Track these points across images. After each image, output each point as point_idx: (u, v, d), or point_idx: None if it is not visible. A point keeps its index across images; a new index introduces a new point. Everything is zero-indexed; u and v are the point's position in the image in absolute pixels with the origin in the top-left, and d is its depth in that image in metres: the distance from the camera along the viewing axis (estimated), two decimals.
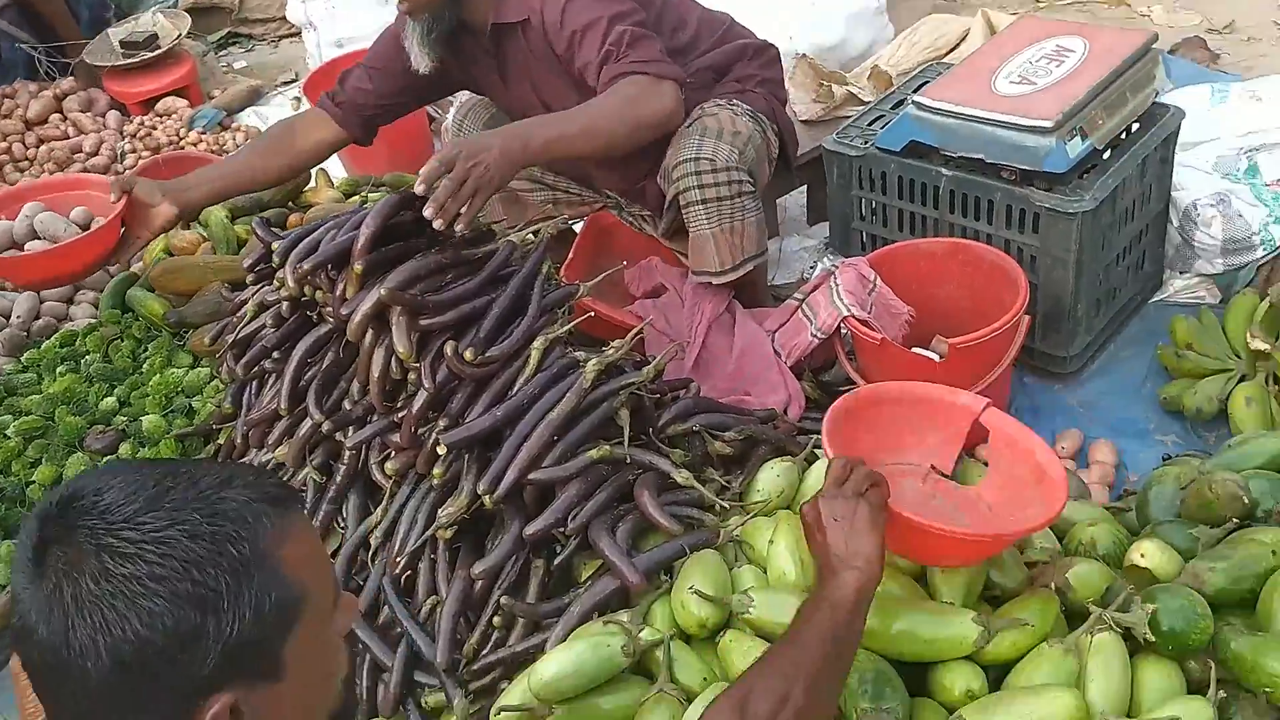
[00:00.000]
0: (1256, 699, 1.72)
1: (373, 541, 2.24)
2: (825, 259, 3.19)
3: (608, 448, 2.11)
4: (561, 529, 2.04)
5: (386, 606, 2.17)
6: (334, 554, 2.30)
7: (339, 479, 2.30)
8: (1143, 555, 1.97)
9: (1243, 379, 2.65)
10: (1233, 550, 1.92)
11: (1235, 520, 2.03)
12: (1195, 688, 1.80)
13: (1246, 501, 2.01)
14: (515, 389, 2.15)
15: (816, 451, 2.40)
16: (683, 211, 2.67)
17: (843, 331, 2.78)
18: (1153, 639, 1.78)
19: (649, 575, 1.96)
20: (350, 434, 2.27)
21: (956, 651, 1.77)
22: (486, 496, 2.04)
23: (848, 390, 2.81)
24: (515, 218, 3.02)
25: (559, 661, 1.78)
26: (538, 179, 3.09)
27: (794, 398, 2.76)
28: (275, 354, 2.43)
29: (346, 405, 2.31)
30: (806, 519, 1.65)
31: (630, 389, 2.17)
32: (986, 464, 2.08)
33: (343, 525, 2.31)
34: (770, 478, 2.23)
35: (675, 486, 2.15)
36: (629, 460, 2.14)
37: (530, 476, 2.05)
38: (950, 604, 1.83)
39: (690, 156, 2.59)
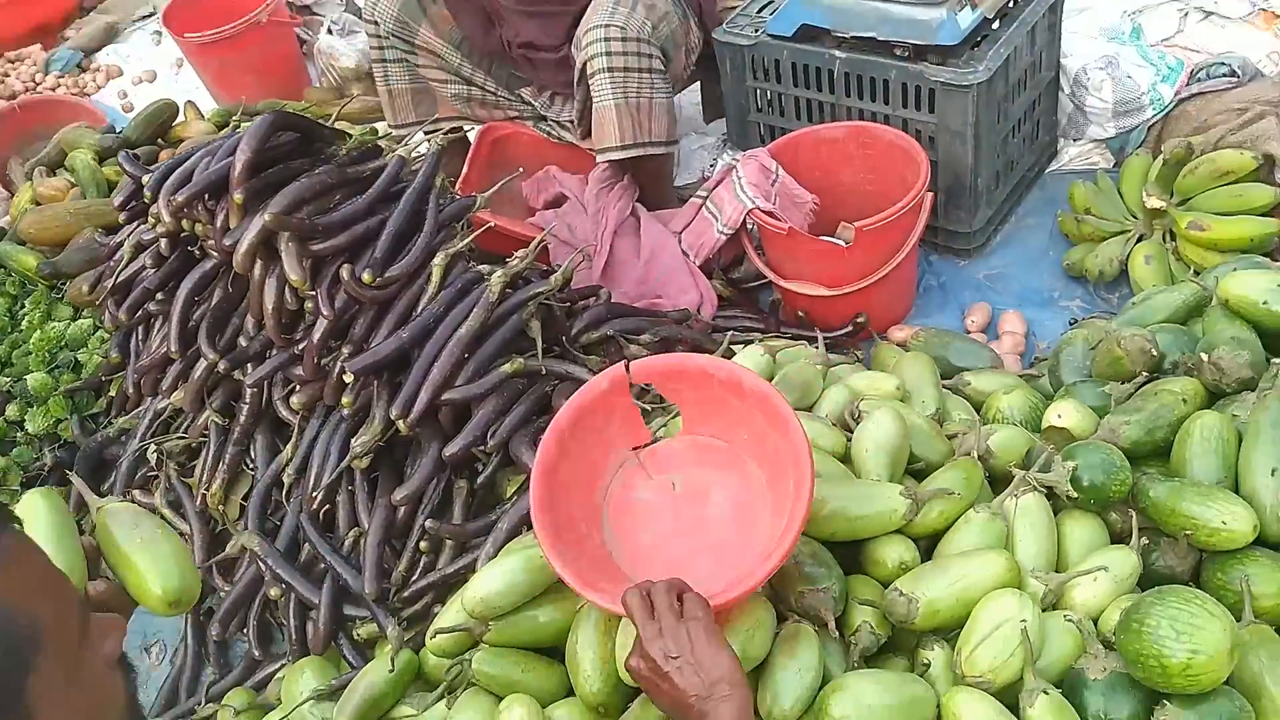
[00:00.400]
0: (1177, 542, 1.76)
1: (286, 480, 2.16)
2: (725, 154, 3.14)
3: (521, 361, 2.05)
4: (481, 447, 1.99)
5: (307, 544, 2.10)
6: (245, 496, 2.22)
7: (243, 419, 2.21)
8: (1059, 416, 1.99)
9: (1141, 239, 2.70)
10: (1145, 403, 1.95)
11: (1145, 374, 2.07)
12: (1118, 538, 1.85)
13: (1155, 354, 2.04)
14: (419, 309, 2.07)
15: (734, 348, 2.38)
16: (589, 83, 2.60)
17: (749, 226, 2.74)
18: (1075, 495, 1.81)
19: None
20: (249, 371, 2.17)
21: (887, 526, 1.78)
22: (400, 422, 1.97)
23: (758, 283, 2.82)
24: (425, 112, 2.90)
25: (491, 578, 1.74)
26: (455, 69, 2.96)
27: (706, 297, 2.73)
28: (159, 296, 2.30)
29: (242, 342, 2.21)
30: (642, 675, 1.41)
31: (539, 299, 2.11)
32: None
33: (252, 466, 2.23)
34: None
35: None
36: (544, 372, 2.09)
37: (444, 397, 1.99)
38: (877, 480, 1.83)
39: (601, 23, 2.52)
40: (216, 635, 2.12)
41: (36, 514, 1.31)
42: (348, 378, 2.00)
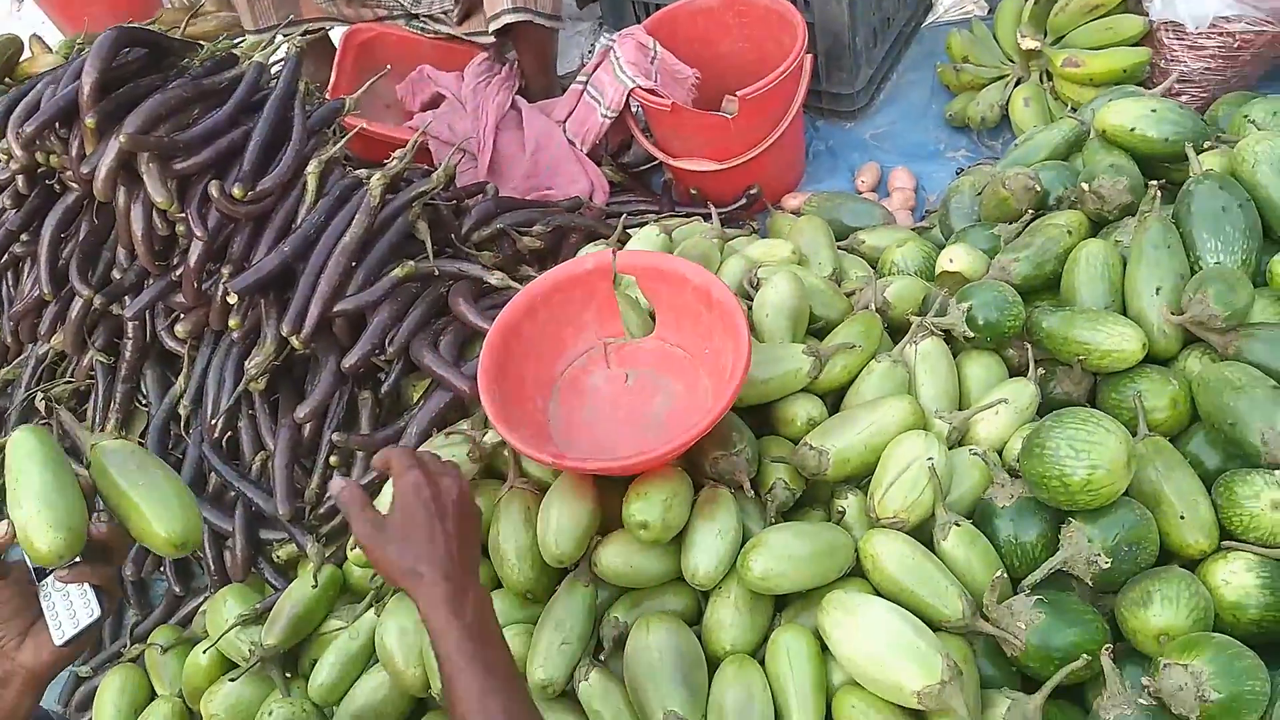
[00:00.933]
0: (1072, 369, 1.81)
1: (182, 411, 2.09)
2: (602, 37, 3.07)
3: (412, 264, 2.00)
4: (380, 355, 1.95)
5: (213, 473, 2.05)
6: (143, 434, 2.16)
7: (128, 355, 2.13)
8: (951, 260, 2.02)
9: (1019, 82, 2.72)
10: (1032, 238, 1.98)
11: (1031, 212, 2.10)
12: (1016, 372, 1.89)
13: (1038, 190, 2.07)
14: (299, 221, 2.00)
15: (630, 231, 2.35)
16: None
17: (633, 107, 2.69)
18: (971, 335, 1.84)
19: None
20: (128, 304, 2.08)
21: (793, 386, 1.79)
22: (294, 338, 1.92)
23: (648, 165, 2.78)
24: (287, 14, 2.76)
25: None
26: None
27: (597, 184, 2.69)
28: (23, 236, 2.18)
29: (116, 275, 2.12)
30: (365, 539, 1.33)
31: (423, 200, 2.05)
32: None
33: (145, 402, 2.15)
34: None
35: (492, 290, 2.07)
36: (438, 273, 2.04)
37: (336, 308, 1.94)
38: (780, 343, 1.84)
39: None
40: (133, 575, 2.07)
41: (30, 451, 1.28)
42: (231, 299, 1.93)
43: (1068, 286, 1.91)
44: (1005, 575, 1.50)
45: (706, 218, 2.40)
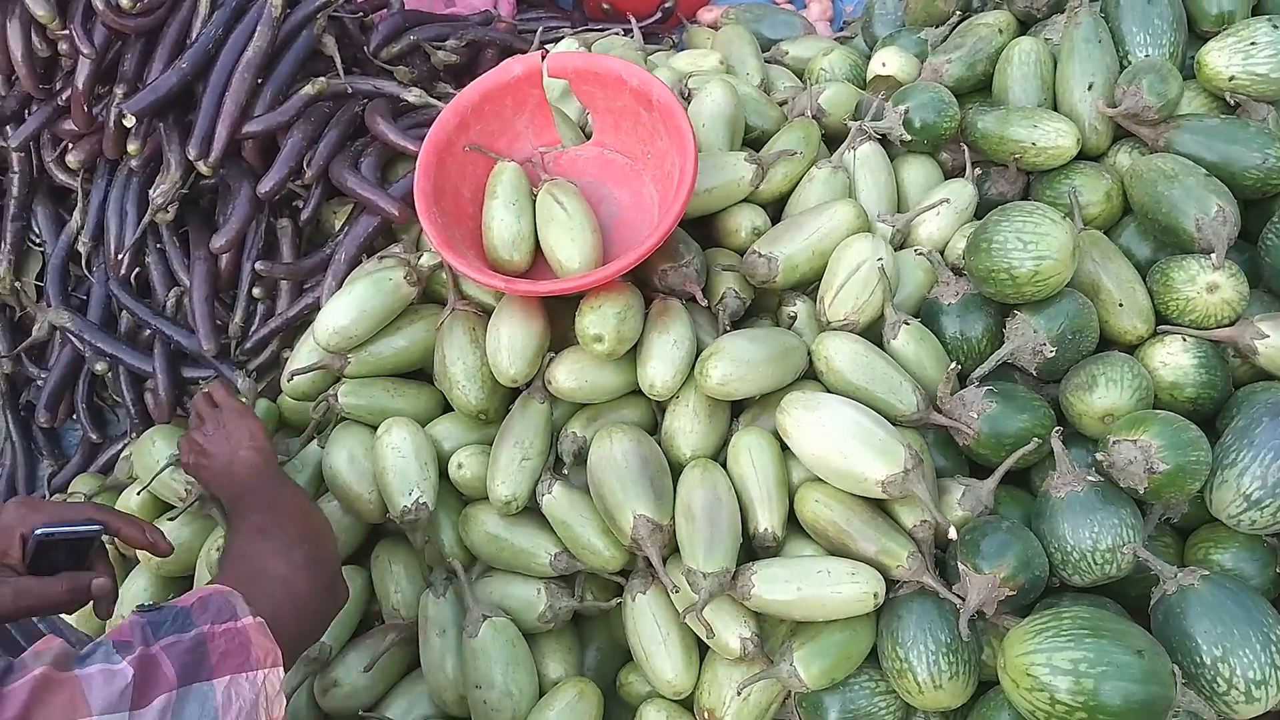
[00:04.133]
0: (1007, 168, 1.82)
1: (81, 249, 1.95)
2: None
3: (324, 81, 1.87)
4: (298, 179, 1.84)
5: (124, 312, 1.93)
6: (39, 276, 2.01)
7: (15, 190, 1.96)
8: (884, 64, 1.99)
9: None
10: (963, 39, 1.96)
11: (959, 14, 2.07)
12: (950, 175, 1.90)
13: None
14: (194, 35, 1.84)
15: (548, 48, 2.24)
16: None
17: None
18: (909, 138, 1.83)
19: (408, 203, 1.81)
20: (10, 134, 1.91)
21: (736, 196, 1.76)
22: (201, 163, 1.79)
23: None
24: None
25: (341, 307, 1.65)
26: None
27: None
28: None
29: None
30: (191, 466, 1.52)
31: (327, 10, 1.91)
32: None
33: (39, 241, 2.00)
34: None
35: (410, 109, 1.96)
36: (350, 91, 1.92)
37: (245, 129, 1.81)
38: (720, 151, 1.80)
39: None
40: (45, 422, 1.96)
41: None
42: (128, 122, 1.78)
43: (1000, 86, 1.90)
44: (958, 367, 1.53)
45: (626, 32, 2.31)
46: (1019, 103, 1.86)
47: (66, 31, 1.77)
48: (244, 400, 1.61)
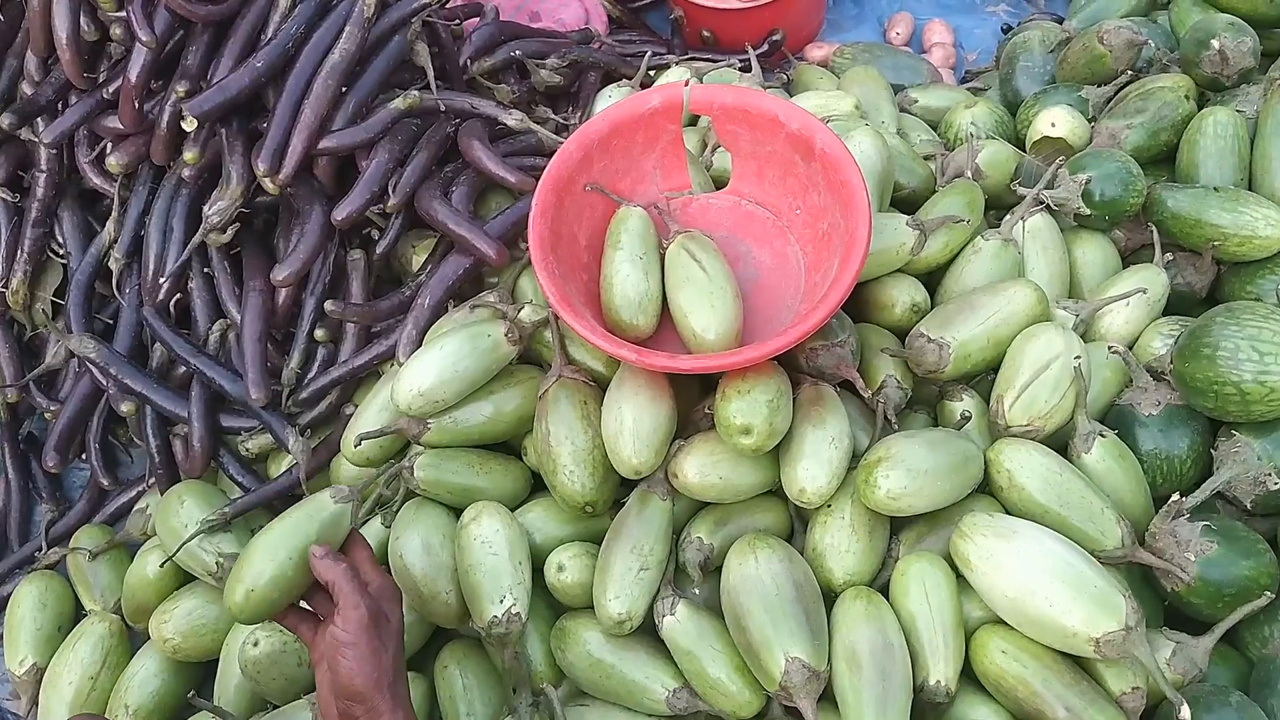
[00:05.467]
0: (1200, 256, 1.58)
1: (113, 266, 1.67)
2: None
3: (415, 95, 1.61)
4: (380, 206, 1.57)
5: (157, 346, 1.65)
6: (59, 292, 1.73)
7: (40, 191, 1.68)
8: (1053, 125, 1.74)
9: None
10: (1144, 104, 1.72)
11: (1129, 73, 1.83)
12: (1125, 255, 1.65)
13: (1154, 47, 1.80)
14: (271, 31, 1.58)
15: (651, 74, 2.00)
16: None
17: None
18: (1087, 212, 1.58)
19: (506, 244, 1.55)
20: (43, 127, 1.63)
21: (893, 264, 1.50)
22: (269, 180, 1.52)
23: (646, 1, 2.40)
24: None
25: (429, 365, 1.38)
26: None
27: (593, 13, 2.29)
28: None
29: (26, 90, 1.65)
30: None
31: (425, 13, 1.65)
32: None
33: (62, 253, 1.72)
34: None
35: (507, 134, 1.70)
36: (443, 108, 1.66)
37: (322, 144, 1.55)
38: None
39: None
40: (53, 466, 1.67)
41: None
42: (188, 125, 1.51)
43: (1188, 161, 1.66)
44: (1182, 501, 1.27)
45: (743, 64, 2.06)
46: (1210, 181, 1.62)
47: (123, 14, 1.50)
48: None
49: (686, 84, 1.47)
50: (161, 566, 1.49)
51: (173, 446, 1.65)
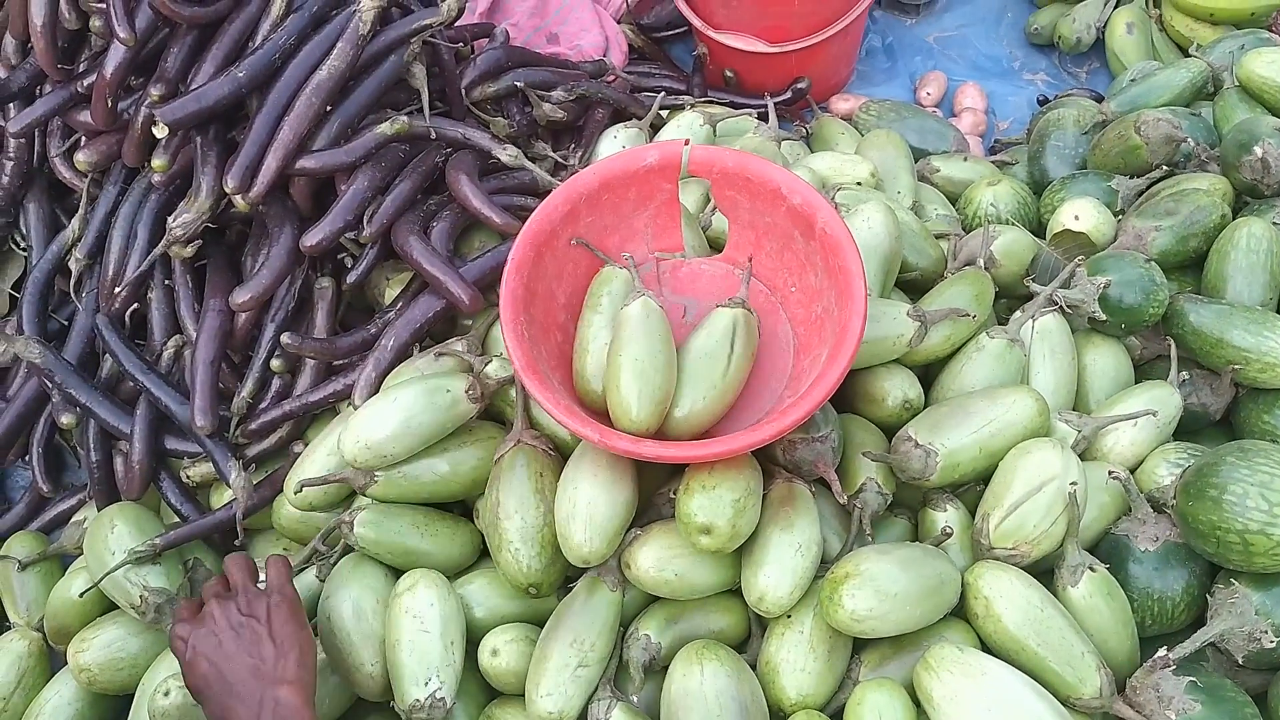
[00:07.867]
0: (1218, 377, 1.48)
1: (73, 265, 1.59)
2: None
3: (404, 120, 1.52)
4: (354, 234, 1.48)
5: (108, 356, 1.57)
6: (16, 285, 1.65)
7: (6, 179, 1.60)
8: (1077, 217, 1.64)
9: (1119, 3, 2.31)
10: (1177, 204, 1.61)
11: (1165, 167, 1.73)
12: (1139, 365, 1.56)
13: (1192, 144, 1.70)
14: (259, 38, 1.49)
15: (662, 114, 1.90)
16: None
17: None
18: (1103, 317, 1.48)
19: (483, 288, 1.46)
20: (12, 114, 1.55)
21: (888, 355, 1.41)
22: (239, 197, 1.43)
23: (672, 32, 2.31)
24: None
25: (379, 416, 1.29)
26: None
27: (614, 41, 2.20)
28: None
29: (1, 73, 1.57)
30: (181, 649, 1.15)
31: (425, 34, 1.56)
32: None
33: (23, 245, 1.64)
34: (614, 150, 1.73)
35: (499, 169, 1.61)
36: (434, 136, 1.57)
37: (299, 164, 1.46)
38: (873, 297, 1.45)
39: None
40: None
41: None
42: (159, 131, 1.43)
43: (1216, 273, 1.56)
44: (1170, 657, 1.17)
45: (760, 113, 1.96)
46: (1238, 296, 1.52)
47: (102, 5, 1.42)
48: (295, 589, 1.20)
49: (687, 143, 1.37)
50: (81, 596, 1.41)
51: (114, 462, 1.56)
